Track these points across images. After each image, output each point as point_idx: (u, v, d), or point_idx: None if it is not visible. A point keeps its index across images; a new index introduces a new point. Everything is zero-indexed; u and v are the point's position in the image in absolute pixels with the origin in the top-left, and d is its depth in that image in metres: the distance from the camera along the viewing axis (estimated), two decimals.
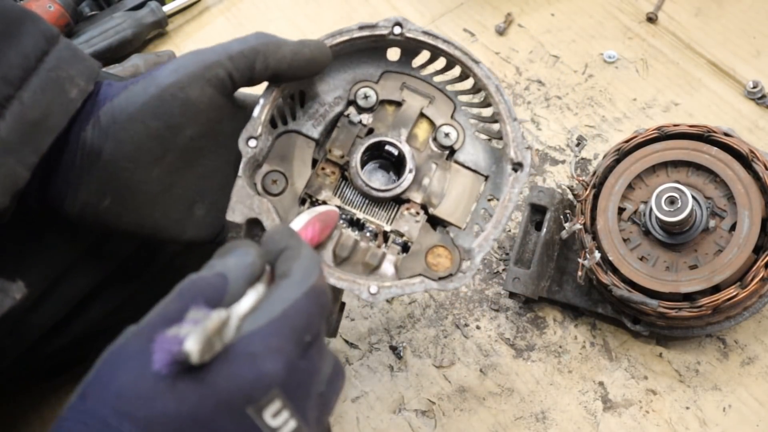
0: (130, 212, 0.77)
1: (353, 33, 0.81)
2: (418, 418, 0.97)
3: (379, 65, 0.85)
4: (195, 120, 0.75)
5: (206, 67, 0.74)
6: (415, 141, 0.83)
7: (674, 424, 0.93)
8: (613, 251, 0.94)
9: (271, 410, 0.54)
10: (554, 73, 1.21)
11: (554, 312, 1.02)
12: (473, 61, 0.81)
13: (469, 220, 0.82)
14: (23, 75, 0.70)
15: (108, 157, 0.73)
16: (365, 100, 0.83)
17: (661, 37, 1.22)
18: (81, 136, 0.74)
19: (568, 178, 1.10)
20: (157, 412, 0.51)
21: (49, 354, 0.90)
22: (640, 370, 0.97)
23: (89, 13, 1.37)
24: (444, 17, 1.31)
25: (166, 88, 0.73)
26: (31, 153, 0.71)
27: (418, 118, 0.84)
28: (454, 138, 0.83)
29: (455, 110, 0.84)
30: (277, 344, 0.55)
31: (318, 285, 0.60)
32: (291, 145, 0.82)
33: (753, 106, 1.13)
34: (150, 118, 0.73)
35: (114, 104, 0.74)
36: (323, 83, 0.84)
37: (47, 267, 0.83)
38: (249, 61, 0.74)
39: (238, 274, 0.59)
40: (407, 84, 0.85)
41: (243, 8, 1.39)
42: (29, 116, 0.70)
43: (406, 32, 0.82)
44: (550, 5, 1.28)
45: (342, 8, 1.35)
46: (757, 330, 0.97)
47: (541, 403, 0.96)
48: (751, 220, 0.91)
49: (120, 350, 0.55)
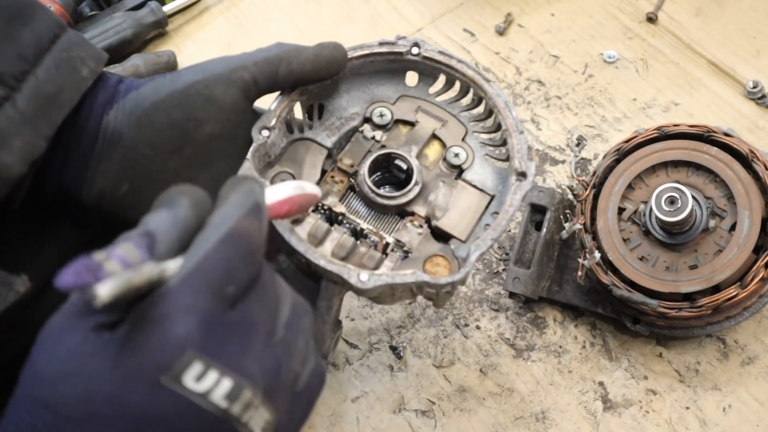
0: (145, 202, 0.78)
1: (373, 48, 0.86)
2: (418, 418, 0.97)
3: (397, 89, 0.88)
4: (216, 117, 0.78)
5: (232, 69, 0.78)
6: (426, 160, 0.86)
7: (674, 424, 0.93)
8: (613, 251, 0.94)
9: (191, 374, 0.49)
10: (554, 73, 1.21)
11: (554, 312, 1.02)
12: (484, 80, 0.84)
13: (471, 234, 0.82)
14: (38, 53, 0.75)
15: (128, 142, 0.77)
16: (380, 118, 0.87)
17: (661, 37, 1.22)
18: (104, 119, 0.78)
19: (568, 178, 1.11)
20: (67, 392, 0.49)
21: None
22: (640, 370, 0.97)
23: (89, 13, 1.37)
24: (444, 17, 1.31)
25: (192, 84, 0.77)
26: (47, 125, 0.74)
27: (430, 138, 0.86)
28: (464, 158, 0.85)
29: (467, 134, 0.87)
30: (187, 303, 0.50)
31: (236, 229, 0.54)
32: (304, 151, 0.85)
33: (753, 106, 1.13)
34: (173, 108, 0.77)
35: (140, 92, 0.78)
36: (342, 99, 0.87)
37: (51, 260, 0.84)
38: (273, 67, 0.79)
39: (168, 230, 0.55)
40: (422, 107, 0.88)
41: (243, 8, 1.39)
42: (44, 91, 0.74)
43: (423, 52, 0.85)
44: (550, 5, 1.28)
45: (342, 8, 1.35)
46: (757, 330, 0.97)
47: (541, 403, 0.96)
48: (751, 220, 0.91)
49: (46, 328, 0.53)
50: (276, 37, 1.34)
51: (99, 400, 0.49)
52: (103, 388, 0.49)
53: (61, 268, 0.48)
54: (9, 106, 0.72)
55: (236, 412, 0.50)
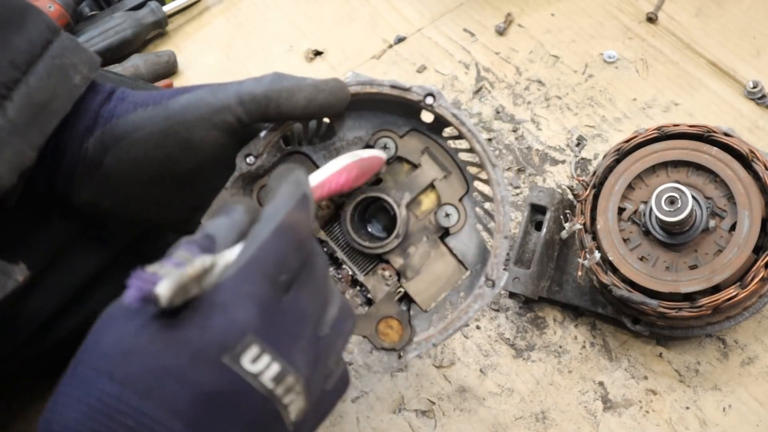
0: (132, 214, 0.80)
1: (383, 89, 0.78)
2: (418, 418, 0.97)
3: (409, 121, 0.81)
4: (195, 157, 0.76)
5: (215, 111, 0.75)
6: (417, 208, 0.80)
7: (674, 424, 0.93)
8: (613, 251, 0.94)
9: (248, 356, 0.53)
10: (554, 73, 1.21)
11: (554, 312, 1.02)
12: (491, 164, 0.78)
13: (434, 307, 0.80)
14: (29, 60, 0.74)
15: (106, 171, 0.77)
16: (383, 149, 0.80)
17: (661, 37, 1.22)
18: (83, 147, 0.77)
19: (568, 178, 1.11)
20: (135, 368, 0.52)
21: (49, 347, 0.91)
22: (640, 370, 0.97)
23: (89, 13, 1.37)
24: (444, 17, 1.31)
25: (173, 125, 0.75)
26: (38, 135, 0.74)
27: (428, 187, 0.81)
28: (454, 221, 0.80)
29: (466, 193, 0.81)
30: (247, 290, 0.54)
31: (286, 221, 0.58)
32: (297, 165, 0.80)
33: (753, 106, 1.13)
34: (152, 148, 0.76)
35: (119, 124, 0.76)
36: (350, 119, 0.81)
37: (49, 249, 0.86)
38: (260, 107, 0.74)
39: (226, 232, 0.59)
40: (430, 150, 0.81)
41: (243, 8, 1.39)
42: (36, 99, 0.73)
43: (436, 107, 0.78)
44: (550, 5, 1.28)
45: (342, 8, 1.35)
46: (757, 330, 0.97)
47: (541, 403, 0.96)
48: (751, 220, 0.91)
49: (109, 313, 0.56)
50: (276, 37, 1.34)
51: (165, 374, 0.52)
52: (169, 364, 0.52)
53: (55, 255, 0.48)
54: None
55: (279, 393, 0.54)
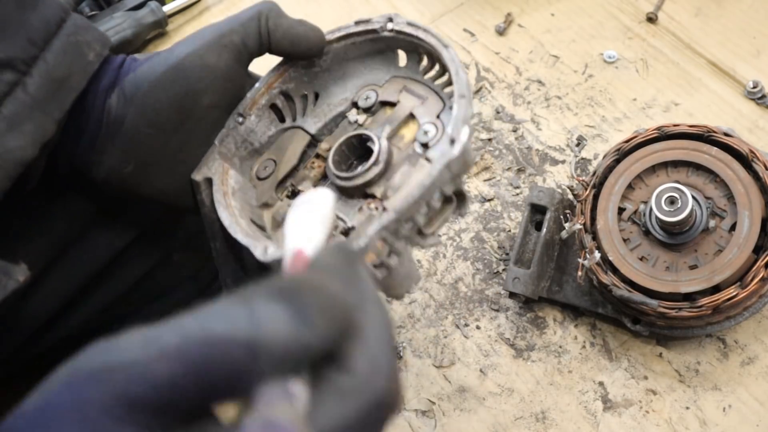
0: (151, 178, 0.81)
1: (350, 29, 0.84)
2: (418, 418, 0.97)
3: (388, 71, 0.85)
4: (212, 86, 0.79)
5: (221, 35, 0.79)
6: (400, 141, 0.81)
7: (674, 424, 0.93)
8: (613, 251, 0.94)
9: None
10: (554, 73, 1.21)
11: (554, 312, 1.02)
12: (443, 45, 0.79)
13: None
14: (46, 37, 0.76)
15: (130, 124, 0.79)
16: (366, 101, 0.84)
17: (661, 37, 1.22)
18: (106, 104, 0.79)
19: (568, 178, 1.11)
20: None
21: (51, 346, 0.91)
22: (640, 370, 0.97)
23: (89, 13, 1.37)
24: (444, 17, 1.31)
25: (186, 57, 0.78)
26: (56, 109, 0.76)
27: (407, 118, 0.82)
28: (432, 135, 0.79)
29: (443, 110, 0.81)
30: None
31: (385, 391, 0.45)
32: (291, 138, 0.84)
33: (753, 106, 1.13)
34: (171, 84, 0.78)
35: (137, 74, 0.80)
36: (336, 86, 0.85)
37: (46, 250, 0.87)
38: (257, 24, 0.80)
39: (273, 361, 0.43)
40: (407, 87, 0.84)
41: (243, 8, 1.39)
42: (54, 75, 0.75)
43: (395, 26, 0.82)
44: (550, 5, 1.28)
45: (342, 8, 1.36)
46: (757, 330, 0.97)
47: (541, 403, 0.96)
48: (751, 220, 0.91)
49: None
50: None
51: None
52: None
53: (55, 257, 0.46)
54: (20, 91, 0.74)
55: None
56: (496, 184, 1.13)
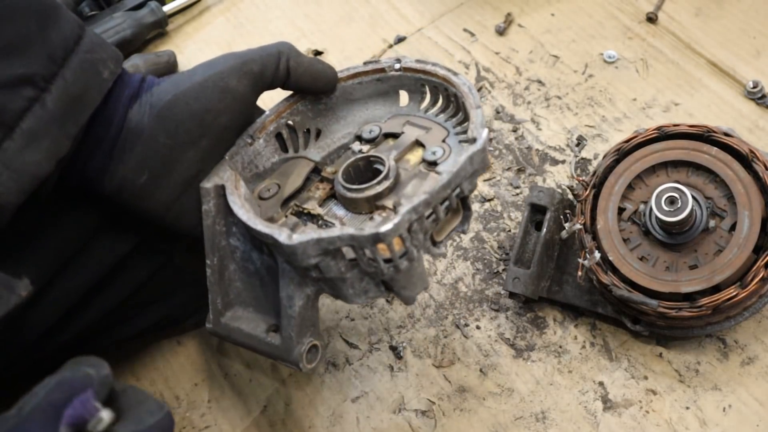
0: (161, 191, 0.83)
1: (359, 68, 0.91)
2: (418, 418, 0.97)
3: (390, 110, 0.92)
4: (230, 107, 0.84)
5: (243, 63, 0.84)
6: (406, 164, 0.86)
7: (674, 424, 0.93)
8: (613, 251, 0.94)
9: None
10: (554, 73, 1.21)
11: (554, 312, 1.02)
12: (453, 74, 0.86)
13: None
14: (64, 55, 0.77)
15: (150, 133, 0.81)
16: (369, 133, 0.90)
17: (661, 37, 1.22)
18: (128, 113, 0.82)
19: (568, 178, 1.11)
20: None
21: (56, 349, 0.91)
22: (640, 370, 0.97)
23: (89, 13, 1.37)
24: (444, 17, 1.31)
25: (209, 77, 0.83)
26: (73, 125, 0.78)
27: (413, 144, 0.88)
28: (440, 155, 0.85)
29: (448, 136, 0.87)
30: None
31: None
32: (295, 165, 0.90)
33: (753, 106, 1.13)
34: (193, 100, 0.82)
35: (161, 87, 0.83)
36: (338, 123, 0.93)
37: (49, 263, 0.87)
38: (276, 60, 0.85)
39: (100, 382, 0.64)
40: (410, 121, 0.90)
41: (243, 8, 1.39)
42: (71, 92, 0.77)
43: (403, 65, 0.89)
44: (550, 5, 1.28)
45: (342, 8, 1.36)
46: (757, 330, 0.97)
47: (541, 403, 0.96)
48: (751, 220, 0.91)
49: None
50: (276, 37, 1.34)
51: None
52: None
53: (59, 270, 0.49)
54: (39, 107, 0.75)
55: None
56: (496, 184, 1.13)
